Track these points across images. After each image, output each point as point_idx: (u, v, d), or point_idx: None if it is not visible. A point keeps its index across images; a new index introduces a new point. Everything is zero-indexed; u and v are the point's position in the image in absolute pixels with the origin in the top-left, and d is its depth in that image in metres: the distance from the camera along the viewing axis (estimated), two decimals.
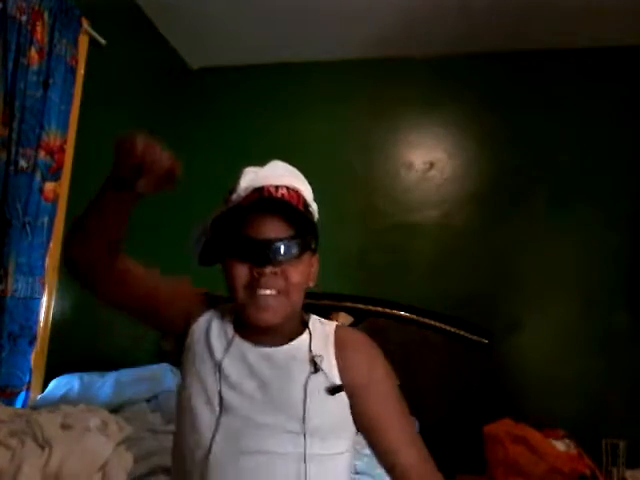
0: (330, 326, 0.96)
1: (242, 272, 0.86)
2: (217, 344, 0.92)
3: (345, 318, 2.61)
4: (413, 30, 2.76)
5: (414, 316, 2.58)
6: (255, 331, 0.90)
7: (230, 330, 0.93)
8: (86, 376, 2.10)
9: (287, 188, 0.89)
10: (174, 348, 0.98)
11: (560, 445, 2.09)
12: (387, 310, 2.61)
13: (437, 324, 2.56)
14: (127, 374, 2.21)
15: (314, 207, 0.95)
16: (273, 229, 0.86)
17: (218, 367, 0.88)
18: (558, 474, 1.95)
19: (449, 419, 2.45)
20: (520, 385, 2.56)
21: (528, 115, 2.82)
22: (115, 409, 1.93)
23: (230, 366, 0.89)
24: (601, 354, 2.52)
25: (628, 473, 2.27)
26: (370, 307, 2.59)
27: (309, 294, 0.93)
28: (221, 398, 0.86)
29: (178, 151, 3.00)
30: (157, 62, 2.98)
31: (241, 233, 0.87)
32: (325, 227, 0.99)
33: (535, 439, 2.04)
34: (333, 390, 0.86)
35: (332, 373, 0.88)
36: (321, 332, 0.94)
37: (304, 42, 2.94)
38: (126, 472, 1.36)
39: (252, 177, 0.91)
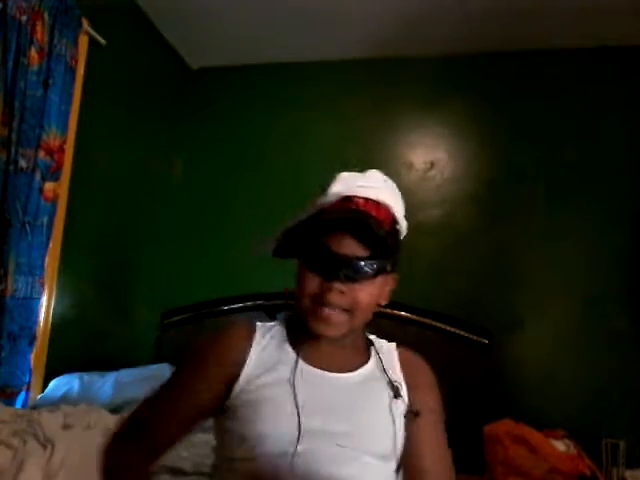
0: (390, 347, 0.96)
1: (312, 282, 0.85)
2: (279, 367, 0.86)
3: None
4: (413, 30, 2.76)
5: (414, 316, 2.58)
6: (318, 350, 0.88)
7: (290, 351, 0.88)
8: (86, 376, 2.10)
9: (377, 203, 0.86)
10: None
11: (560, 445, 2.09)
12: (387, 310, 2.60)
13: (437, 324, 2.56)
14: (127, 374, 2.21)
15: (403, 225, 0.93)
16: (351, 245, 0.84)
17: (293, 390, 0.82)
18: (558, 474, 1.95)
19: (449, 419, 2.45)
20: (520, 385, 2.56)
21: (528, 115, 2.82)
22: (115, 409, 1.93)
23: (302, 390, 0.83)
24: (601, 354, 2.52)
25: (628, 473, 2.27)
26: None
27: None
28: (300, 423, 0.79)
29: (178, 151, 3.02)
30: (157, 62, 2.98)
31: (321, 242, 0.84)
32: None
33: (535, 439, 2.03)
34: (409, 415, 0.87)
35: (406, 398, 0.89)
36: (386, 353, 0.94)
37: (304, 42, 2.94)
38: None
39: (344, 184, 0.88)
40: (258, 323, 0.94)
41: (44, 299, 2.04)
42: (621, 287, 2.55)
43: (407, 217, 0.95)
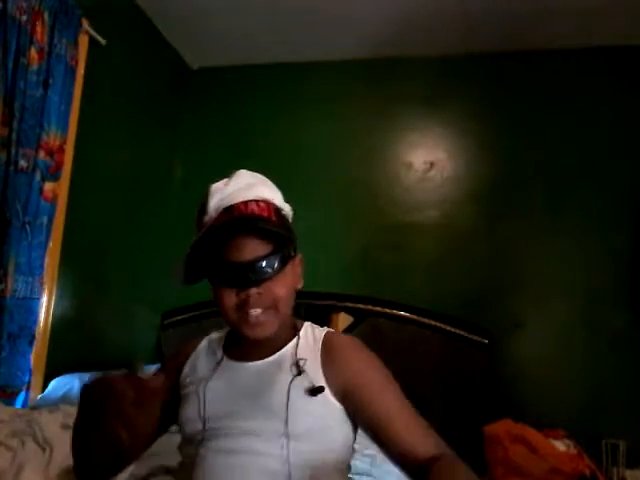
0: (321, 331, 0.96)
1: (229, 296, 0.88)
2: (204, 369, 0.95)
3: (345, 318, 2.61)
4: (413, 30, 2.76)
5: (414, 316, 2.58)
6: (246, 347, 0.93)
7: (219, 353, 0.97)
8: (86, 376, 2.10)
9: (256, 201, 0.89)
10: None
11: (560, 445, 2.09)
12: (387, 310, 2.61)
13: (437, 324, 2.56)
14: None
15: (287, 210, 0.96)
16: (251, 249, 0.86)
17: (204, 386, 0.90)
18: (558, 474, 1.95)
19: (449, 419, 2.45)
20: (520, 385, 2.56)
21: (528, 115, 2.82)
22: None
23: (216, 386, 0.91)
24: (601, 354, 2.52)
25: (628, 473, 2.27)
26: (370, 307, 2.59)
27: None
28: (204, 411, 0.88)
29: (178, 151, 3.03)
30: (157, 62, 2.98)
31: (220, 257, 0.88)
32: (325, 227, 1.00)
33: (535, 439, 2.03)
34: (313, 391, 0.85)
35: (316, 376, 0.88)
36: (311, 337, 0.94)
37: (304, 42, 2.94)
38: (128, 472, 1.36)
39: (220, 196, 0.91)
40: (212, 334, 1.03)
41: (44, 299, 2.04)
42: (621, 287, 2.55)
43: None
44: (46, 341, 2.08)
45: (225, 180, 0.94)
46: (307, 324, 0.98)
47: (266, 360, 0.92)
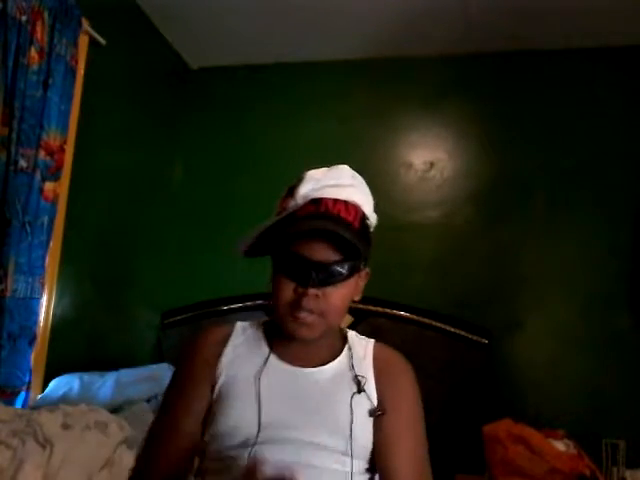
0: (368, 343, 0.96)
1: (287, 289, 0.86)
2: (251, 364, 0.90)
3: (345, 318, 2.61)
4: (413, 30, 2.76)
5: (414, 316, 2.58)
6: (296, 349, 0.90)
7: (265, 349, 0.92)
8: (86, 376, 2.10)
9: (345, 203, 0.87)
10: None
11: (560, 445, 2.09)
12: (387, 310, 2.61)
13: (437, 324, 2.56)
14: (127, 374, 2.21)
15: (372, 220, 0.94)
16: (323, 250, 0.85)
17: (257, 386, 0.86)
18: (558, 474, 1.95)
19: (449, 419, 2.45)
20: (520, 385, 2.57)
21: (528, 115, 2.82)
22: (115, 409, 1.93)
23: (269, 386, 0.87)
24: (601, 354, 2.52)
25: (628, 473, 2.27)
26: (370, 307, 2.59)
27: None
28: (259, 415, 0.83)
29: (178, 150, 3.03)
30: (157, 62, 2.98)
31: (291, 248, 0.85)
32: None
33: (535, 439, 2.03)
34: (374, 412, 0.86)
35: (372, 394, 0.88)
36: (361, 349, 0.94)
37: (304, 42, 2.94)
38: (128, 472, 1.36)
39: (312, 186, 0.88)
40: (238, 323, 0.98)
41: (44, 299, 2.04)
42: (621, 287, 2.55)
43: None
44: (46, 341, 2.08)
45: (323, 170, 0.91)
46: (351, 333, 0.98)
47: (323, 369, 0.89)
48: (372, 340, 0.98)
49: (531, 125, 2.81)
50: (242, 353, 0.92)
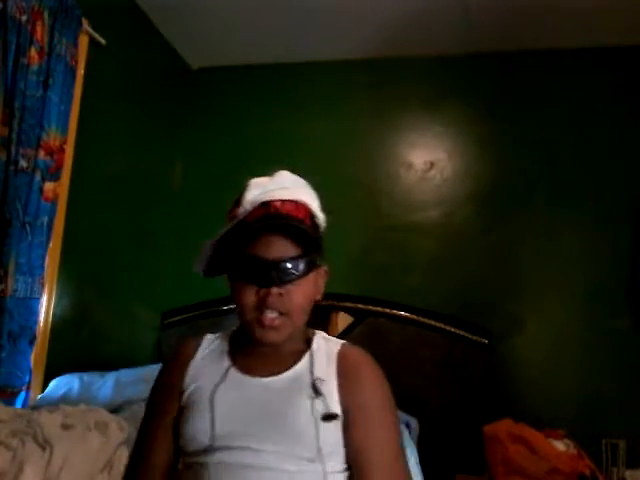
0: (335, 344, 0.94)
1: (249, 294, 0.86)
2: (210, 376, 0.90)
3: (345, 318, 2.61)
4: (413, 30, 2.76)
5: (414, 316, 2.58)
6: (256, 359, 0.90)
7: (226, 361, 0.92)
8: (86, 376, 2.10)
9: (294, 202, 0.88)
10: None
11: (560, 445, 2.09)
12: (387, 310, 2.61)
13: (437, 324, 2.56)
14: (127, 374, 2.21)
15: (321, 218, 0.94)
16: (279, 248, 0.85)
17: (211, 397, 0.86)
18: (558, 474, 1.95)
19: (449, 419, 2.45)
20: (520, 385, 2.57)
21: (528, 115, 2.82)
22: (115, 409, 1.93)
23: (225, 398, 0.86)
24: (601, 354, 2.52)
25: (628, 473, 2.27)
26: (370, 307, 2.59)
27: None
28: (214, 427, 0.83)
29: (178, 150, 3.02)
30: (157, 62, 2.98)
31: (246, 252, 0.86)
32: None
33: (535, 439, 2.03)
34: (328, 417, 0.83)
35: (332, 397, 0.86)
36: (325, 351, 0.92)
37: (304, 42, 2.94)
38: None
39: (258, 191, 0.89)
40: (207, 335, 0.99)
41: (44, 299, 2.04)
42: (620, 287, 2.55)
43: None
44: (46, 341, 2.08)
45: (266, 177, 0.93)
46: (319, 335, 0.96)
47: (280, 377, 0.88)
48: (341, 341, 0.96)
49: (531, 125, 2.81)
50: (205, 364, 0.93)
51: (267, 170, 0.97)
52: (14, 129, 1.81)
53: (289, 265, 0.85)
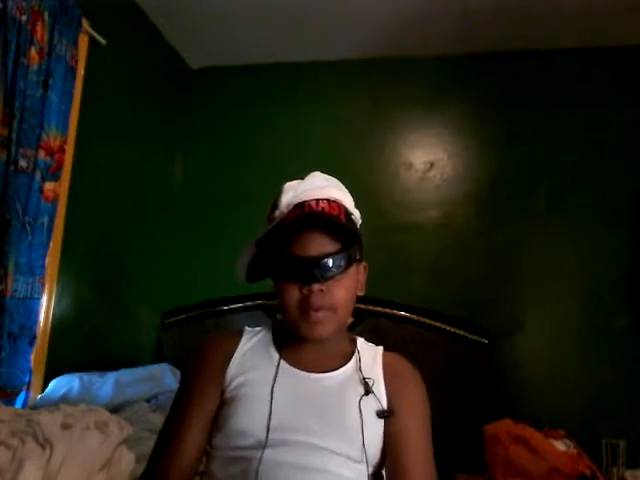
0: (376, 350, 0.98)
1: (292, 292, 0.88)
2: (261, 370, 0.91)
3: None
4: (413, 30, 2.76)
5: (414, 316, 2.58)
6: (305, 354, 0.92)
7: (274, 355, 0.93)
8: (86, 376, 2.10)
9: (327, 200, 0.91)
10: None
11: (560, 445, 2.09)
12: (387, 310, 2.61)
13: (437, 324, 2.56)
14: (127, 374, 2.21)
15: (356, 215, 0.97)
16: (317, 245, 0.87)
17: (269, 391, 0.87)
18: (558, 474, 1.95)
19: (449, 419, 2.45)
20: (520, 385, 2.57)
21: (528, 115, 2.82)
22: (115, 409, 1.93)
23: (280, 392, 0.87)
24: (601, 354, 2.52)
25: (628, 473, 2.27)
26: (370, 307, 2.59)
27: None
28: (269, 419, 0.84)
29: (178, 151, 3.02)
30: (157, 62, 2.98)
31: (286, 252, 0.88)
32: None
33: (535, 439, 2.03)
34: (382, 413, 0.87)
35: (382, 396, 0.89)
36: (369, 355, 0.96)
37: (304, 42, 2.94)
38: (128, 472, 1.36)
39: (292, 194, 0.92)
40: (246, 328, 1.00)
41: (44, 299, 2.03)
42: (621, 287, 2.55)
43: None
44: (46, 341, 2.08)
45: (298, 180, 0.95)
46: (360, 339, 1.00)
47: (333, 374, 0.91)
48: (381, 347, 1.00)
49: (531, 125, 2.81)
50: (251, 358, 0.93)
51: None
52: (14, 129, 1.81)
53: (329, 261, 0.87)
